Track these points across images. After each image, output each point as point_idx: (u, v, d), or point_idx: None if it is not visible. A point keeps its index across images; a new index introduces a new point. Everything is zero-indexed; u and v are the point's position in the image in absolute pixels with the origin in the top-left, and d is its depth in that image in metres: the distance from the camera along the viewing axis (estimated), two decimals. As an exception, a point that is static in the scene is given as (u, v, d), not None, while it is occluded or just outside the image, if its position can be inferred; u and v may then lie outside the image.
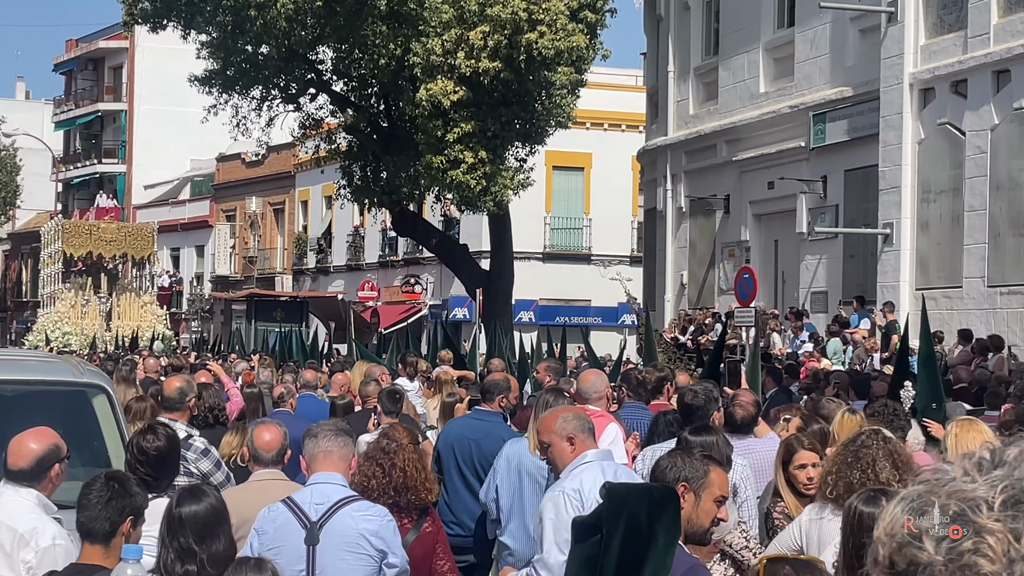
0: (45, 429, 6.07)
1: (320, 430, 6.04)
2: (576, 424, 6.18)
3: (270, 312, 43.85)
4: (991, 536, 1.63)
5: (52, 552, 5.53)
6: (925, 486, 1.73)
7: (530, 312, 43.87)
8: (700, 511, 5.00)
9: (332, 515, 5.71)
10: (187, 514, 4.87)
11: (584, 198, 46.93)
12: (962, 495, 1.67)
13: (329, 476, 5.86)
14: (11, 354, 12.15)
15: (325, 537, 5.68)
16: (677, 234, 31.34)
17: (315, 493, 5.81)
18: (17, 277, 74.61)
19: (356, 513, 5.75)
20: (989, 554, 1.62)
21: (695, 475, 5.03)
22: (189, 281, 63.40)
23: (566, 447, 6.13)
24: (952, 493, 1.68)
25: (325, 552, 5.68)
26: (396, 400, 10.90)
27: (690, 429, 7.54)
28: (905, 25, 23.42)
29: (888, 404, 8.46)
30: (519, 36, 27.81)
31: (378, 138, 33.23)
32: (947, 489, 1.69)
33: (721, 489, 5.09)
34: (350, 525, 5.71)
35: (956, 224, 22.60)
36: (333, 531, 5.69)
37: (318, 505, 5.73)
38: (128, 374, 14.93)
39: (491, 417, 9.90)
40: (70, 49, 74.22)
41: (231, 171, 61.27)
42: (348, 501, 5.80)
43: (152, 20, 33.39)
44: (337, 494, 5.80)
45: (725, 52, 29.48)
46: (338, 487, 5.84)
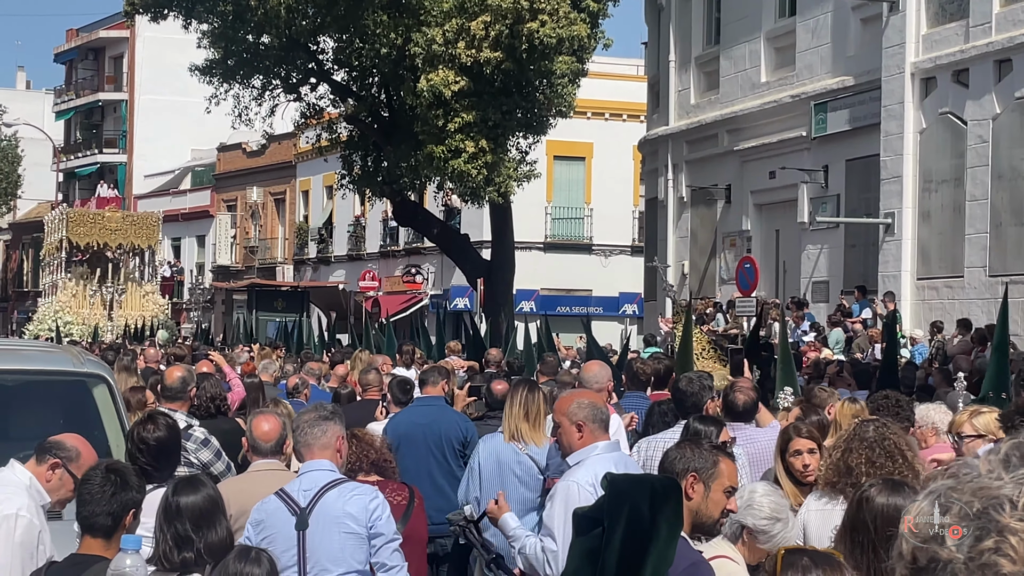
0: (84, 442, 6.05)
1: (301, 421, 6.14)
2: (588, 412, 6.18)
3: (271, 302, 43.90)
4: (1013, 536, 1.60)
5: (12, 521, 5.53)
6: (953, 481, 1.70)
7: (531, 302, 43.86)
8: (710, 502, 4.99)
9: (319, 499, 5.83)
10: (184, 503, 4.89)
11: (585, 188, 46.90)
12: (985, 493, 1.65)
13: (316, 463, 5.99)
14: (11, 344, 12.14)
15: (314, 521, 5.80)
16: (678, 224, 31.32)
17: (304, 480, 5.95)
18: (18, 267, 74.61)
19: (342, 496, 5.87)
20: (1011, 554, 1.60)
21: (705, 465, 5.01)
22: (190, 271, 63.42)
23: (574, 432, 6.15)
24: (976, 490, 1.66)
25: (314, 536, 5.80)
26: (407, 390, 10.96)
27: (695, 418, 7.56)
28: (907, 14, 23.38)
29: (890, 396, 8.43)
30: (520, 25, 27.76)
31: (379, 128, 33.18)
32: (971, 486, 1.67)
33: (731, 479, 5.08)
34: (336, 507, 5.83)
35: (957, 214, 22.58)
36: (320, 515, 5.81)
37: (306, 491, 5.86)
38: (129, 364, 14.94)
39: (435, 401, 10.19)
40: (71, 39, 74.13)
41: (232, 161, 61.24)
42: (334, 484, 5.91)
43: (153, 9, 33.33)
44: (324, 479, 5.92)
45: (726, 41, 29.44)
46: (325, 472, 5.96)
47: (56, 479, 5.82)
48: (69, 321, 45.60)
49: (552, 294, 45.19)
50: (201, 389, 9.82)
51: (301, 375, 14.33)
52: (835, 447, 6.16)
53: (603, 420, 6.26)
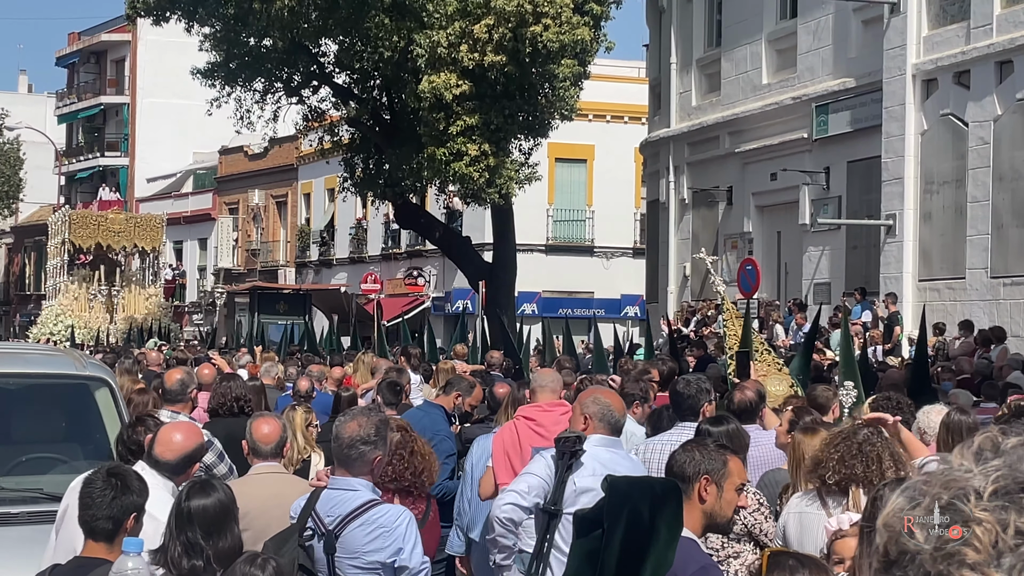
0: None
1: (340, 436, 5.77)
2: (597, 409, 6.57)
3: (273, 305, 43.87)
4: (978, 526, 1.63)
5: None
6: (923, 476, 1.73)
7: (533, 304, 43.88)
8: (723, 502, 5.03)
9: (346, 526, 5.66)
10: (195, 508, 4.87)
11: (587, 190, 46.92)
12: (954, 485, 1.68)
13: (345, 482, 5.73)
14: (13, 347, 12.15)
15: (340, 547, 5.65)
16: (680, 226, 31.33)
17: (331, 499, 5.73)
18: (20, 271, 74.62)
19: (366, 525, 5.66)
20: (975, 544, 1.62)
21: (715, 466, 5.05)
22: (194, 274, 63.42)
23: (580, 422, 6.59)
24: (946, 483, 1.69)
25: (342, 561, 5.67)
26: (397, 392, 11.00)
27: (709, 420, 7.63)
28: (908, 16, 23.39)
29: (891, 396, 8.43)
30: (524, 29, 27.76)
31: (381, 130, 33.19)
32: (942, 479, 1.70)
33: (740, 477, 5.15)
34: (358, 539, 5.65)
35: (959, 215, 22.58)
36: (345, 544, 5.66)
37: (330, 517, 5.68)
38: (130, 367, 14.96)
39: (433, 410, 10.14)
40: (72, 42, 74.17)
41: (234, 164, 61.26)
42: (360, 512, 5.67)
43: (155, 13, 33.32)
44: (354, 502, 5.68)
45: (727, 43, 29.45)
46: (351, 492, 5.71)
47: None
48: (71, 324, 45.61)
49: (554, 296, 45.20)
50: (227, 388, 9.93)
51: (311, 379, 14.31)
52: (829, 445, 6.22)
53: (610, 421, 6.57)
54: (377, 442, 5.72)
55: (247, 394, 9.99)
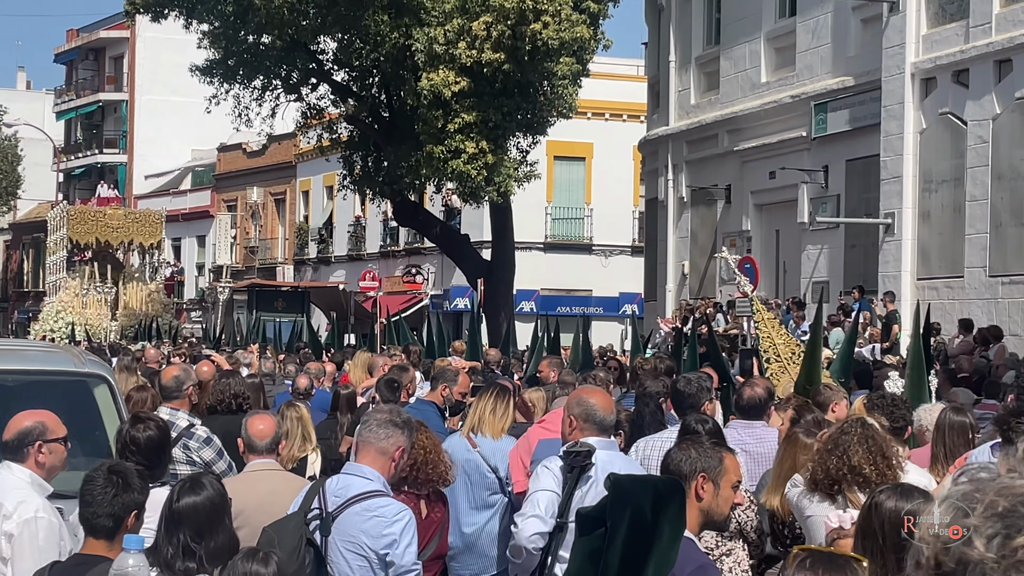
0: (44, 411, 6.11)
1: (371, 417, 5.99)
2: (580, 411, 6.54)
3: (271, 302, 43.87)
4: None
5: (34, 524, 5.59)
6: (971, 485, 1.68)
7: (531, 302, 43.87)
8: (720, 499, 5.04)
9: (345, 509, 5.68)
10: (185, 508, 4.84)
11: (585, 188, 46.90)
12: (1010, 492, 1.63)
13: (358, 468, 5.80)
14: (12, 344, 12.14)
15: (335, 530, 5.67)
16: (678, 224, 31.34)
17: (340, 482, 5.80)
18: (18, 267, 74.56)
19: (363, 513, 5.68)
20: None
21: (711, 464, 5.05)
22: (192, 271, 63.39)
23: (567, 424, 6.59)
24: (1000, 490, 1.64)
25: (333, 546, 5.68)
26: (394, 389, 10.99)
27: (693, 417, 7.59)
28: (907, 14, 23.39)
29: (887, 395, 8.42)
30: (523, 26, 27.73)
31: (379, 128, 33.16)
32: (994, 486, 1.65)
33: (736, 474, 5.15)
34: (355, 524, 5.67)
35: (957, 214, 22.59)
36: (340, 527, 5.68)
37: (336, 497, 5.72)
38: (129, 364, 14.94)
39: (426, 407, 10.16)
40: (71, 39, 74.12)
41: (232, 161, 61.22)
42: (363, 497, 5.69)
43: (153, 9, 33.29)
44: (357, 488, 5.72)
45: (726, 42, 29.45)
46: (360, 479, 5.75)
47: (46, 458, 5.87)
48: (71, 321, 45.60)
49: (552, 294, 45.19)
50: (225, 385, 9.93)
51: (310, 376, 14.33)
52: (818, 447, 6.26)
53: (596, 421, 6.50)
54: (401, 435, 5.85)
55: (245, 391, 9.97)
